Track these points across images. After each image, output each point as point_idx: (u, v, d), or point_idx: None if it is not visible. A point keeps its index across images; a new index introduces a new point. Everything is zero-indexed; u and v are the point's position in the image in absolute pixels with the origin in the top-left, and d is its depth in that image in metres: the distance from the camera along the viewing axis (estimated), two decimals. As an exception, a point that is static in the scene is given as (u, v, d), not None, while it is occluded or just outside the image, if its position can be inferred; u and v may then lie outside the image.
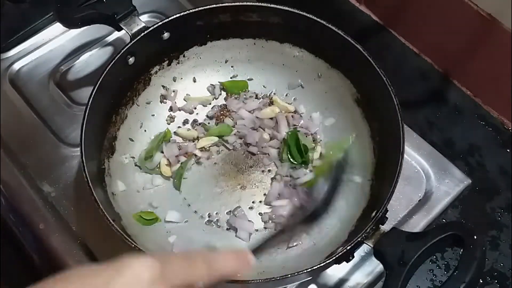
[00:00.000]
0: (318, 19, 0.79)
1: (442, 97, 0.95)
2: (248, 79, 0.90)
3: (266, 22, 0.83)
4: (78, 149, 0.76)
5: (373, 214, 0.68)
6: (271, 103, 0.88)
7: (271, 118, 0.87)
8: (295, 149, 0.83)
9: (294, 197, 0.81)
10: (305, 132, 0.86)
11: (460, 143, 0.91)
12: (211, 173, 0.83)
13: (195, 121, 0.88)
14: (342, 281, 0.78)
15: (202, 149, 0.85)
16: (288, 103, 0.88)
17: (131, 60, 0.79)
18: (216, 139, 0.85)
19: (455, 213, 0.84)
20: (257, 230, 0.79)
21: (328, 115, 0.87)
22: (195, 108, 0.88)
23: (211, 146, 0.85)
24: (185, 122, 0.87)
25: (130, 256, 0.41)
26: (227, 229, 0.79)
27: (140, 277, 0.40)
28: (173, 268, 0.43)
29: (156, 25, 0.79)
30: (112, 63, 0.75)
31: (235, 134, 0.86)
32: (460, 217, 0.84)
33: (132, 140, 0.83)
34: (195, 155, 0.84)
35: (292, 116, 0.87)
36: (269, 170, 0.84)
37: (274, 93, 0.89)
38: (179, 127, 0.87)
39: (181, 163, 0.83)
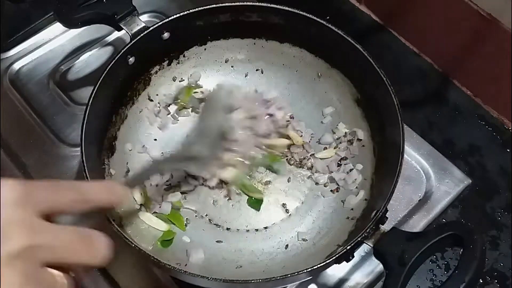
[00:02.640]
0: (318, 19, 0.79)
1: (442, 97, 0.95)
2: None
3: (266, 22, 0.82)
4: (78, 149, 0.76)
5: (373, 214, 0.68)
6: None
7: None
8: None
9: None
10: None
11: (460, 143, 0.91)
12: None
13: None
14: (342, 281, 0.78)
15: None
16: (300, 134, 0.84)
17: (131, 60, 0.79)
18: None
19: (455, 213, 0.84)
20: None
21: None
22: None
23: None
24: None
25: None
26: (227, 228, 0.79)
27: (1, 198, 0.39)
28: (38, 192, 0.42)
29: (156, 25, 0.79)
30: (112, 63, 0.75)
31: None
32: (460, 217, 0.84)
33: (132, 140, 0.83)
34: None
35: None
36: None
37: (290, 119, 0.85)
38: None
39: None
